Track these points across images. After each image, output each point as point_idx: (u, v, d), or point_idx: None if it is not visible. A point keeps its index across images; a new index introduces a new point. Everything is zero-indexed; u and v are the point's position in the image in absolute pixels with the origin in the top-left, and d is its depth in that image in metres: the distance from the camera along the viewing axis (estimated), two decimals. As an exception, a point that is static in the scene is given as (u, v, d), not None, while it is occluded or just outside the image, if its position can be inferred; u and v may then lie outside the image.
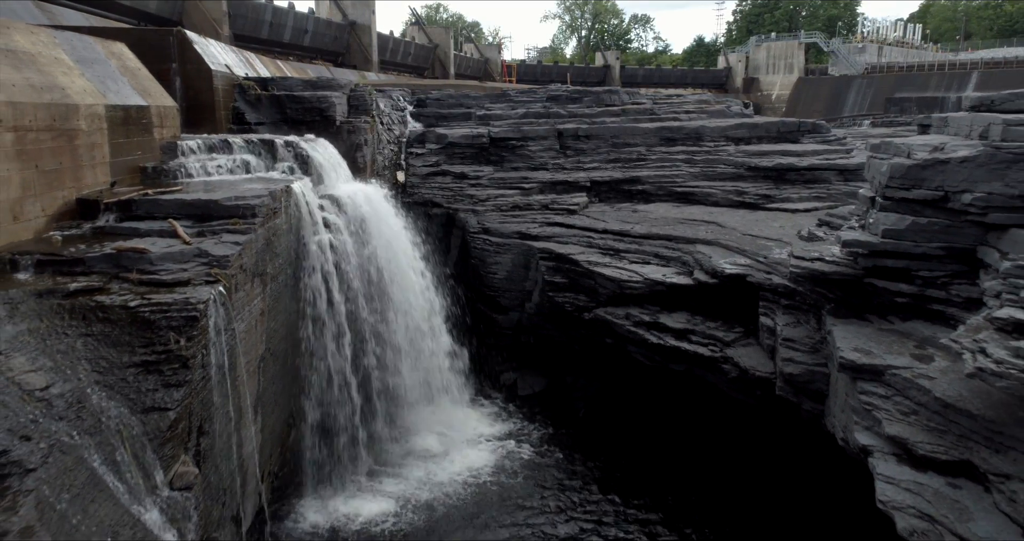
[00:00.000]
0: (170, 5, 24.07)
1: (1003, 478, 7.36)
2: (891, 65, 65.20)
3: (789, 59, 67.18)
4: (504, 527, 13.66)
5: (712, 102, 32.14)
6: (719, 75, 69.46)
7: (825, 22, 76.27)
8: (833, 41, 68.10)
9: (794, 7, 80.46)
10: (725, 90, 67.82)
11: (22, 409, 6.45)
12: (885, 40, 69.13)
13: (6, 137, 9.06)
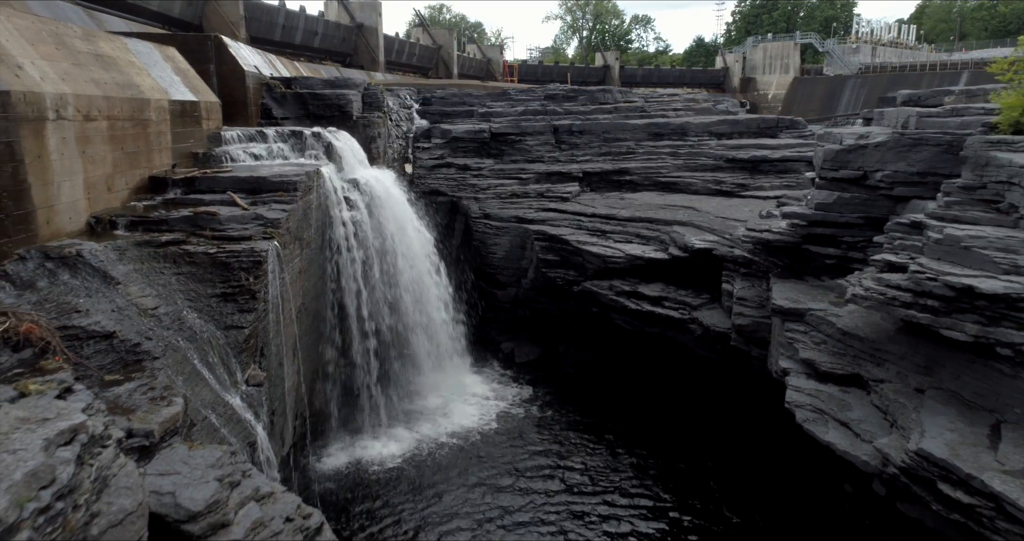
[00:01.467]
0: (192, 10, 26.50)
1: (879, 382, 9.79)
2: (884, 65, 67.58)
3: (785, 59, 69.60)
4: (501, 462, 16.13)
5: (700, 100, 34.63)
6: (717, 75, 71.88)
7: (822, 23, 78.76)
8: (828, 42, 70.53)
9: (792, 8, 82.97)
10: (723, 90, 70.20)
11: (142, 321, 8.94)
12: (879, 41, 71.55)
13: (103, 124, 11.58)
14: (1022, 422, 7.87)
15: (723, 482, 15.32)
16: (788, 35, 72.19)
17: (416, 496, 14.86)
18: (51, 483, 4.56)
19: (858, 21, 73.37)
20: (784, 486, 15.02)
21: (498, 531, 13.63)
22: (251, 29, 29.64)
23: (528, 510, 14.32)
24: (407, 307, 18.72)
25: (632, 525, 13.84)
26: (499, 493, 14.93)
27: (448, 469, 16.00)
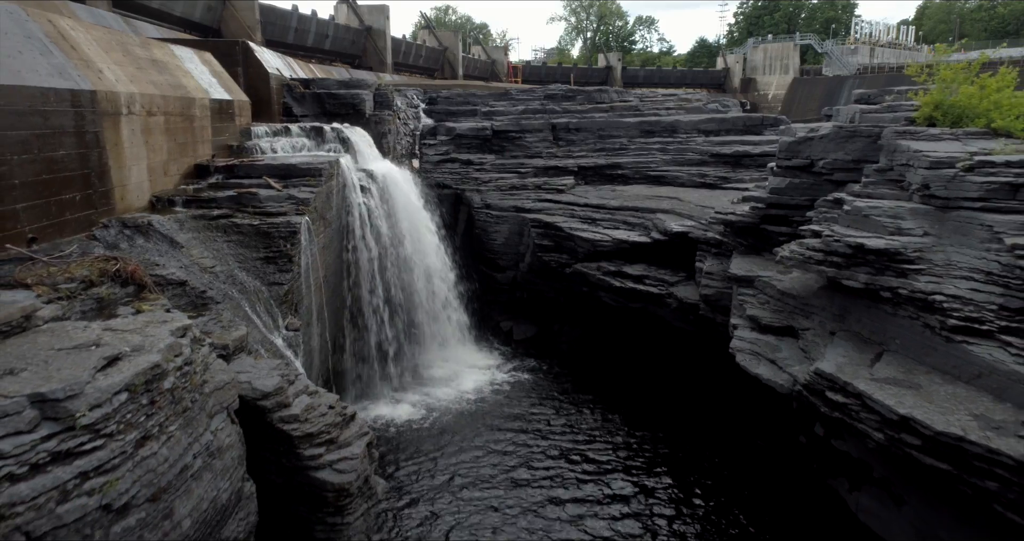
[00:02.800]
0: (211, 15, 28.84)
1: (805, 330, 12.05)
2: (882, 66, 69.70)
3: (785, 60, 71.80)
4: (500, 420, 18.43)
5: (692, 100, 36.92)
6: (717, 76, 74.12)
7: (822, 24, 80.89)
8: (827, 43, 72.67)
9: (793, 10, 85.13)
10: (723, 90, 72.43)
11: (203, 276, 11.29)
12: (877, 42, 73.65)
13: (160, 119, 13.96)
14: (900, 350, 10.08)
15: (692, 438, 17.61)
16: (788, 36, 74.33)
17: (428, 441, 17.18)
18: (180, 354, 6.89)
19: (858, 22, 75.39)
20: (746, 440, 17.30)
21: (498, 464, 15.94)
22: (266, 32, 31.92)
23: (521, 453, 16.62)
24: (415, 285, 21.06)
25: (610, 457, 16.18)
26: (499, 440, 17.25)
27: (454, 423, 18.29)
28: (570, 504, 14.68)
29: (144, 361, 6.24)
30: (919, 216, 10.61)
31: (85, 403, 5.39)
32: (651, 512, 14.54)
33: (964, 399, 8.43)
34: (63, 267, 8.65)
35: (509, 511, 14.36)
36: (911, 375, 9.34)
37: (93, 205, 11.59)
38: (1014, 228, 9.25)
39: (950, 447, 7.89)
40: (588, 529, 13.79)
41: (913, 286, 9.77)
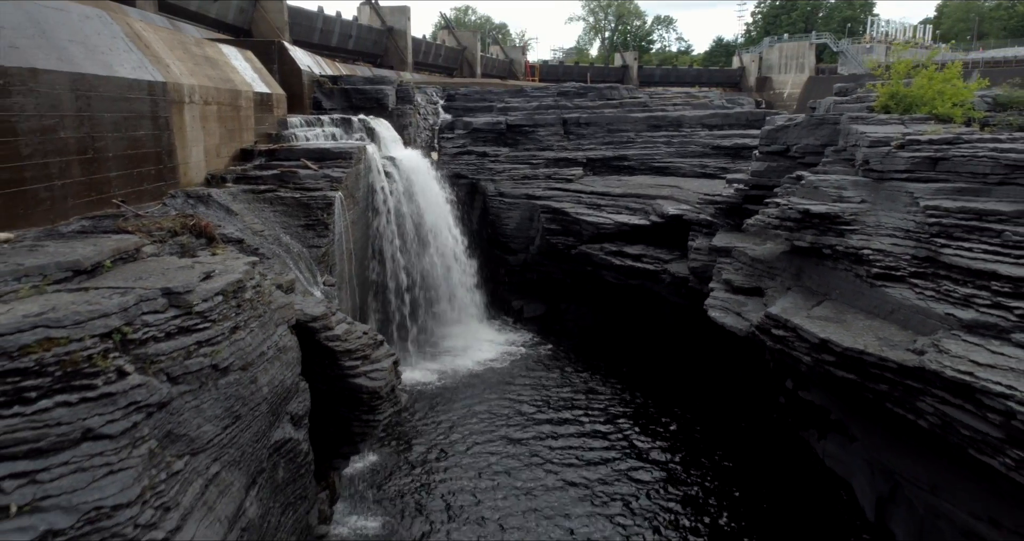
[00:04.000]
0: (243, 16, 31.27)
1: (768, 289, 14.15)
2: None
3: (800, 59, 73.39)
4: (508, 385, 20.68)
5: (699, 97, 38.95)
6: (733, 74, 75.85)
7: (839, 23, 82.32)
8: (842, 42, 74.17)
9: (811, 9, 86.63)
10: (739, 89, 74.18)
11: (255, 238, 13.62)
12: (893, 41, 74.95)
13: (214, 108, 16.34)
14: (837, 297, 12.13)
15: (684, 400, 19.73)
16: (804, 35, 75.90)
17: (443, 403, 19.47)
18: (252, 278, 9.18)
19: (875, 21, 76.79)
20: (732, 402, 19.39)
21: (506, 420, 18.17)
22: (293, 33, 34.30)
23: (523, 408, 18.84)
24: (433, 264, 23.35)
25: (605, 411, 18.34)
26: (507, 398, 19.51)
27: (467, 387, 20.61)
28: (564, 442, 16.96)
29: (230, 277, 8.51)
30: (859, 187, 12.69)
31: (197, 297, 7.64)
32: (643, 458, 16.72)
33: (876, 328, 10.49)
34: (153, 220, 10.99)
35: (508, 447, 16.67)
36: (840, 314, 11.42)
37: (163, 178, 13.97)
38: (929, 193, 11.30)
39: (854, 360, 9.95)
40: (581, 457, 16.06)
41: (848, 243, 11.86)
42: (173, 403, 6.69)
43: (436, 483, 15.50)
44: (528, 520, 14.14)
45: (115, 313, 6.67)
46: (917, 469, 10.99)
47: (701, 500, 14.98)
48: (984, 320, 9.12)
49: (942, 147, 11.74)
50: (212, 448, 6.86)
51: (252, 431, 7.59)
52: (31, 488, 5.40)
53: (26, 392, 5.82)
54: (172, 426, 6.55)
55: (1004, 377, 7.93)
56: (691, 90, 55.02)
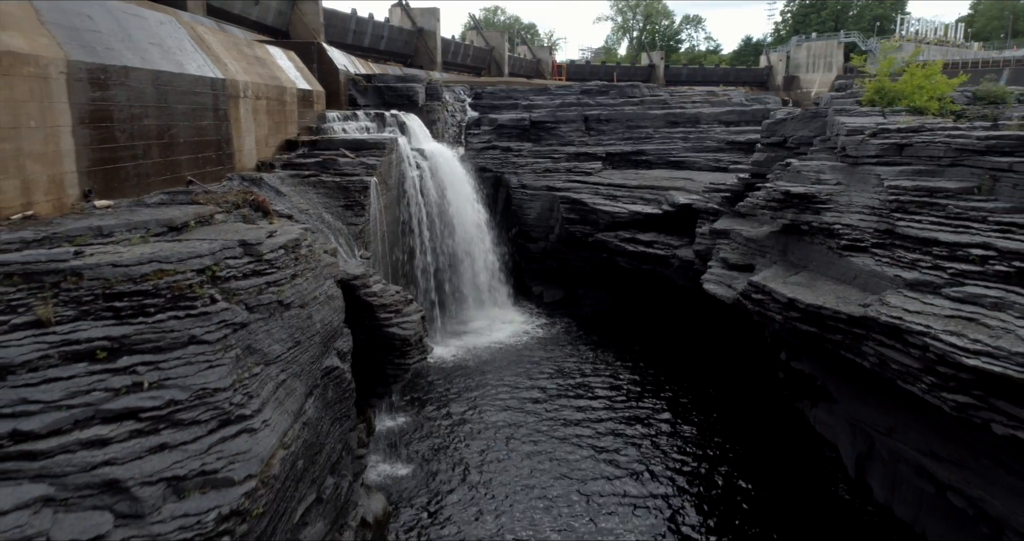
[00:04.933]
0: (282, 19, 33.53)
1: (759, 265, 15.88)
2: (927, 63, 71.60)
3: (828, 58, 74.33)
4: (527, 360, 22.60)
5: (719, 94, 40.50)
6: (760, 74, 77.00)
7: (870, 22, 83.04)
8: (870, 41, 74.97)
9: (841, 7, 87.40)
10: (766, 88, 75.28)
11: (301, 214, 15.71)
12: (923, 39, 75.56)
13: (263, 103, 18.51)
14: (813, 268, 13.84)
15: (691, 376, 21.49)
16: (832, 34, 76.80)
17: (467, 374, 21.46)
18: (307, 239, 11.21)
19: (906, 20, 77.40)
20: (735, 378, 21.10)
21: (524, 388, 20.09)
22: (328, 34, 36.47)
23: (546, 386, 20.74)
24: (458, 250, 25.35)
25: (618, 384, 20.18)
26: (525, 370, 21.44)
27: (489, 361, 22.58)
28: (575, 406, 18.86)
29: (289, 236, 10.54)
30: (836, 171, 14.40)
31: (265, 248, 9.65)
32: (648, 423, 18.55)
33: (838, 291, 12.20)
34: (220, 195, 13.10)
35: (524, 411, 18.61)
36: (812, 281, 13.15)
37: (222, 163, 16.13)
38: (893, 175, 12.97)
39: (814, 314, 11.67)
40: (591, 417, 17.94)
41: (822, 220, 13.58)
42: (250, 326, 8.71)
43: (459, 440, 17.46)
44: (538, 464, 16.06)
45: (206, 255, 8.72)
46: (877, 416, 12.68)
47: (702, 462, 16.75)
48: (923, 279, 10.81)
49: (907, 135, 13.41)
50: (280, 362, 8.86)
51: (308, 355, 9.59)
52: (156, 373, 7.44)
53: (147, 308, 7.87)
54: (251, 342, 8.57)
55: (925, 320, 9.63)
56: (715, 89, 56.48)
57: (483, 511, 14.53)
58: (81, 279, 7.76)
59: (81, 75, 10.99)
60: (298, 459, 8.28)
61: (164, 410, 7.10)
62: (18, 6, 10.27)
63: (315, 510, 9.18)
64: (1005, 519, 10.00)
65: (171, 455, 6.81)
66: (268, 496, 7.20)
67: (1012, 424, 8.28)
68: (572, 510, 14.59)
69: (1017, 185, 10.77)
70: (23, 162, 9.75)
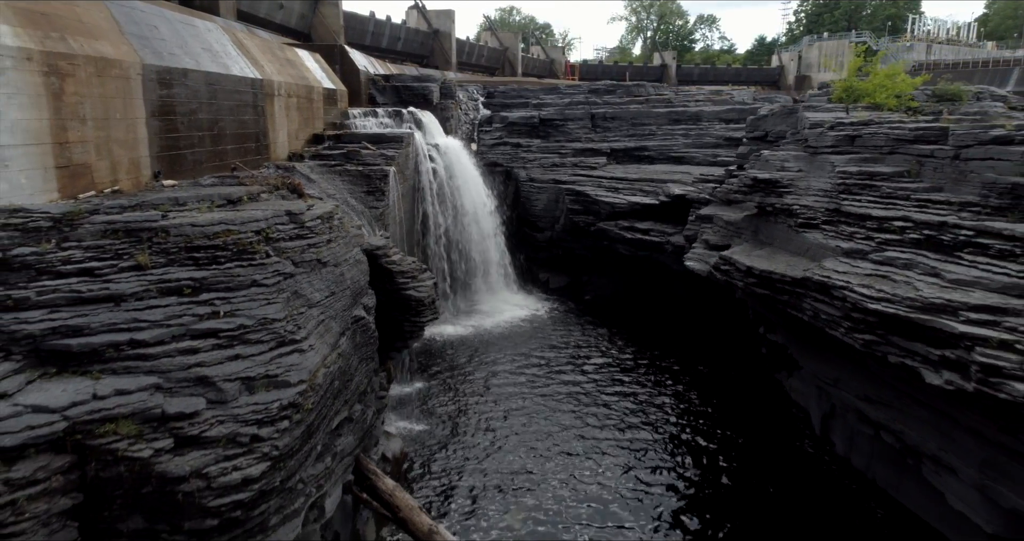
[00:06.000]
0: (304, 22, 35.98)
1: (734, 244, 18.06)
2: (938, 63, 73.21)
3: (840, 57, 75.96)
4: (532, 338, 24.89)
5: (723, 93, 42.59)
6: (772, 73, 78.81)
7: (882, 22, 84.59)
8: (882, 40, 76.58)
9: (854, 7, 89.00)
10: (778, 87, 77.06)
11: (329, 198, 18.10)
12: (934, 39, 77.08)
13: (294, 100, 20.95)
14: (777, 244, 15.99)
15: (682, 353, 23.70)
16: (844, 34, 78.51)
17: (476, 349, 23.78)
18: (338, 213, 13.57)
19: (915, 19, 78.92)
20: (721, 352, 23.29)
21: (529, 360, 22.40)
22: (347, 36, 38.82)
23: (549, 359, 23.03)
24: (470, 238, 27.69)
25: (613, 360, 22.43)
26: (530, 347, 23.74)
27: (497, 338, 24.91)
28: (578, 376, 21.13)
29: (325, 209, 12.90)
30: (800, 160, 16.58)
31: (307, 217, 11.98)
32: (643, 393, 20.80)
33: (790, 261, 14.39)
34: (262, 178, 15.50)
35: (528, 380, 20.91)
36: (773, 254, 15.34)
37: (259, 153, 18.56)
38: (843, 162, 15.13)
39: (767, 279, 13.87)
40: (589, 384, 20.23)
41: (783, 202, 15.78)
42: (296, 276, 11.06)
43: (468, 403, 19.78)
44: (541, 419, 18.35)
45: (261, 220, 11.08)
46: (826, 370, 14.85)
47: (687, 422, 18.95)
48: (856, 248, 12.98)
49: (859, 127, 15.58)
50: (320, 306, 11.20)
51: (341, 303, 11.93)
52: (228, 305, 9.79)
53: (219, 258, 10.23)
54: (297, 288, 10.91)
55: (847, 278, 11.81)
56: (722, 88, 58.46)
57: (487, 454, 16.86)
58: (168, 235, 10.14)
59: (152, 76, 13.43)
60: (334, 379, 10.61)
61: (236, 331, 9.45)
62: (105, 19, 12.72)
63: (346, 426, 11.49)
64: (919, 446, 12.16)
65: (243, 363, 9.16)
66: (314, 398, 9.53)
67: (902, 354, 10.45)
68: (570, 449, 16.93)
69: (936, 168, 12.93)
70: (111, 147, 12.19)
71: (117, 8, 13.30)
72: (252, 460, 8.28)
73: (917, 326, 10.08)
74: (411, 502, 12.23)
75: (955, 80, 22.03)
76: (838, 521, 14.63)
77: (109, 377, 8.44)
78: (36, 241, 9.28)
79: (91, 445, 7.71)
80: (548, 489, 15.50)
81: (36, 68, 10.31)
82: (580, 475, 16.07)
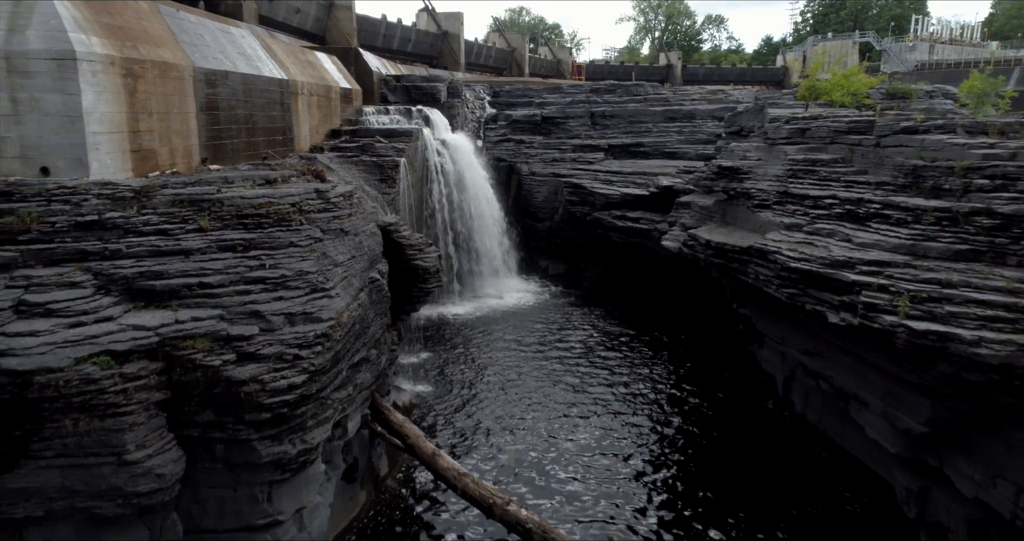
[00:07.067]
0: (319, 25, 38.57)
1: (707, 224, 20.64)
2: (940, 62, 75.38)
3: (843, 57, 78.15)
4: (532, 317, 27.56)
5: (718, 92, 45.13)
6: (776, 73, 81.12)
7: (888, 21, 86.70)
8: (885, 40, 78.78)
9: (860, 7, 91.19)
10: (781, 87, 79.33)
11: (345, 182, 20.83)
12: (938, 39, 79.19)
13: (315, 98, 23.70)
14: (738, 224, 18.56)
15: (668, 329, 26.29)
16: (848, 34, 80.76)
17: (479, 327, 26.47)
18: (357, 193, 16.28)
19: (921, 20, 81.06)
20: (700, 325, 25.87)
21: (527, 335, 25.05)
22: (360, 38, 41.37)
23: (546, 334, 25.68)
24: (474, 227, 30.37)
25: (609, 333, 25.04)
26: (530, 324, 26.40)
27: (499, 318, 27.60)
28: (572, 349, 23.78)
29: (346, 188, 15.60)
30: (760, 150, 19.17)
31: (332, 194, 14.67)
32: (630, 362, 23.43)
33: (744, 235, 16.96)
34: (290, 165, 18.22)
35: (527, 352, 23.56)
36: (732, 232, 17.93)
37: (286, 145, 21.31)
38: (794, 151, 17.70)
39: (720, 249, 16.47)
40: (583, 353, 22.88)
41: (743, 186, 18.36)
42: (324, 241, 13.74)
43: (469, 369, 22.46)
44: (531, 386, 21.00)
45: (295, 195, 13.78)
46: (776, 330, 17.43)
47: (666, 388, 21.56)
48: (795, 222, 15.55)
49: (809, 121, 18.15)
50: (343, 266, 13.87)
51: (360, 265, 14.62)
52: (272, 260, 12.47)
53: (263, 224, 12.93)
54: (325, 250, 13.60)
55: (780, 245, 14.38)
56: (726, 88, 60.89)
57: (485, 406, 19.56)
58: (223, 205, 12.85)
59: (201, 77, 16.19)
60: (355, 323, 13.29)
61: (279, 280, 12.14)
62: (164, 30, 15.49)
63: (364, 365, 14.16)
64: (843, 388, 14.70)
65: (286, 303, 11.84)
66: (340, 332, 12.20)
67: (814, 302, 13.04)
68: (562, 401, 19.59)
69: (863, 155, 15.49)
70: (170, 136, 14.95)
71: (172, 20, 16.06)
72: (295, 372, 10.96)
73: (825, 278, 12.63)
74: (417, 431, 14.90)
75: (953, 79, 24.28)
76: (789, 463, 17.21)
77: (184, 309, 11.16)
78: (122, 207, 12.03)
79: (176, 355, 10.42)
80: (538, 432, 18.16)
81: (117, 71, 13.06)
82: (569, 423, 18.72)
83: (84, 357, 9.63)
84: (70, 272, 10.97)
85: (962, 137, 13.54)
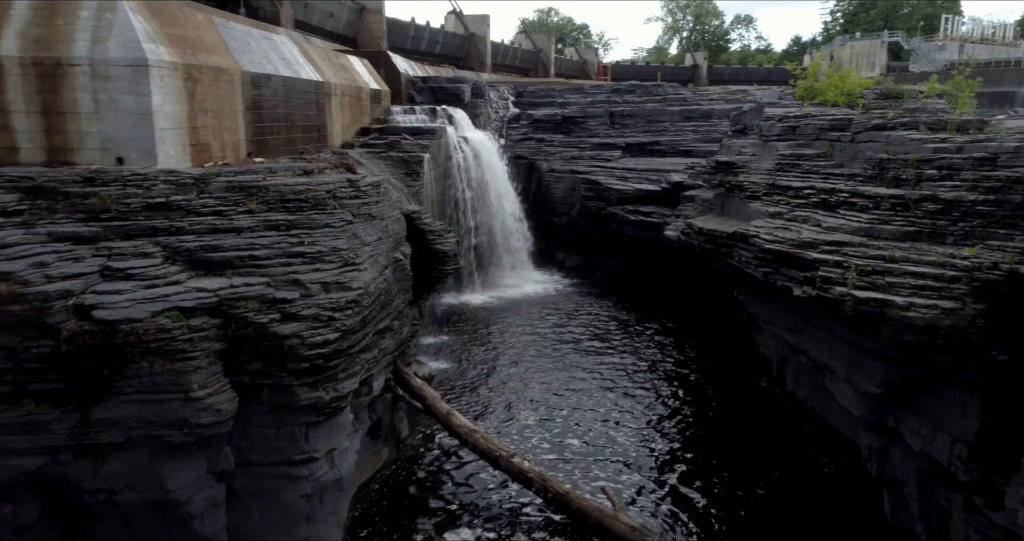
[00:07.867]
0: (351, 29, 40.92)
1: (707, 216, 22.51)
2: (969, 62, 75.94)
3: (871, 57, 79.16)
4: (549, 307, 29.61)
5: (735, 92, 46.75)
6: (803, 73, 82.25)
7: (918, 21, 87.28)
8: (914, 40, 79.51)
9: (892, 6, 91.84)
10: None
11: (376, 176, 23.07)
12: (969, 38, 79.70)
13: (346, 99, 25.99)
14: (732, 215, 20.42)
15: (677, 316, 28.17)
16: (877, 34, 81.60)
17: (498, 314, 28.59)
18: (384, 183, 18.46)
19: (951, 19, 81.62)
20: (708, 313, 27.71)
21: (544, 321, 27.09)
22: (390, 40, 43.73)
23: (560, 320, 27.70)
24: (495, 221, 32.49)
25: (622, 322, 27.01)
26: (546, 312, 28.46)
27: (517, 306, 29.71)
28: (585, 333, 25.82)
29: (374, 179, 17.76)
30: (755, 146, 21.00)
31: (362, 183, 16.82)
32: (640, 345, 25.39)
33: (735, 224, 18.81)
34: (324, 159, 20.47)
35: (543, 336, 25.62)
36: (726, 221, 19.80)
37: (320, 142, 23.60)
38: (784, 147, 19.53)
39: (711, 235, 18.36)
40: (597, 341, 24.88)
41: (737, 179, 20.22)
42: (355, 224, 15.92)
43: (491, 351, 24.55)
44: (549, 363, 23.04)
45: (331, 184, 15.99)
46: (764, 311, 19.27)
47: (672, 372, 23.48)
48: (778, 210, 17.40)
49: (799, 119, 19.96)
50: (371, 245, 16.03)
51: (386, 246, 16.78)
52: (310, 238, 14.66)
53: (302, 207, 15.13)
54: (355, 231, 15.77)
55: (760, 230, 16.26)
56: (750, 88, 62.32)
57: (501, 381, 21.64)
58: (268, 191, 15.08)
59: (248, 80, 18.49)
60: (381, 294, 15.44)
61: (316, 255, 14.32)
62: (217, 39, 17.81)
63: (388, 333, 16.32)
64: (818, 360, 16.52)
65: (321, 274, 14.01)
66: (368, 300, 14.35)
67: (784, 279, 14.92)
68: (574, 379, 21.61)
69: (842, 150, 17.30)
70: (222, 132, 17.25)
71: (224, 30, 18.40)
72: (329, 330, 13.12)
73: (792, 257, 14.49)
74: (435, 394, 17.03)
75: (979, 78, 25.29)
76: (776, 433, 19.07)
77: (237, 277, 13.37)
78: (184, 192, 14.30)
79: (231, 313, 12.63)
80: (548, 402, 20.21)
81: (180, 75, 15.37)
82: (577, 396, 20.74)
83: (159, 311, 11.87)
84: (143, 245, 13.25)
85: (923, 133, 15.33)
